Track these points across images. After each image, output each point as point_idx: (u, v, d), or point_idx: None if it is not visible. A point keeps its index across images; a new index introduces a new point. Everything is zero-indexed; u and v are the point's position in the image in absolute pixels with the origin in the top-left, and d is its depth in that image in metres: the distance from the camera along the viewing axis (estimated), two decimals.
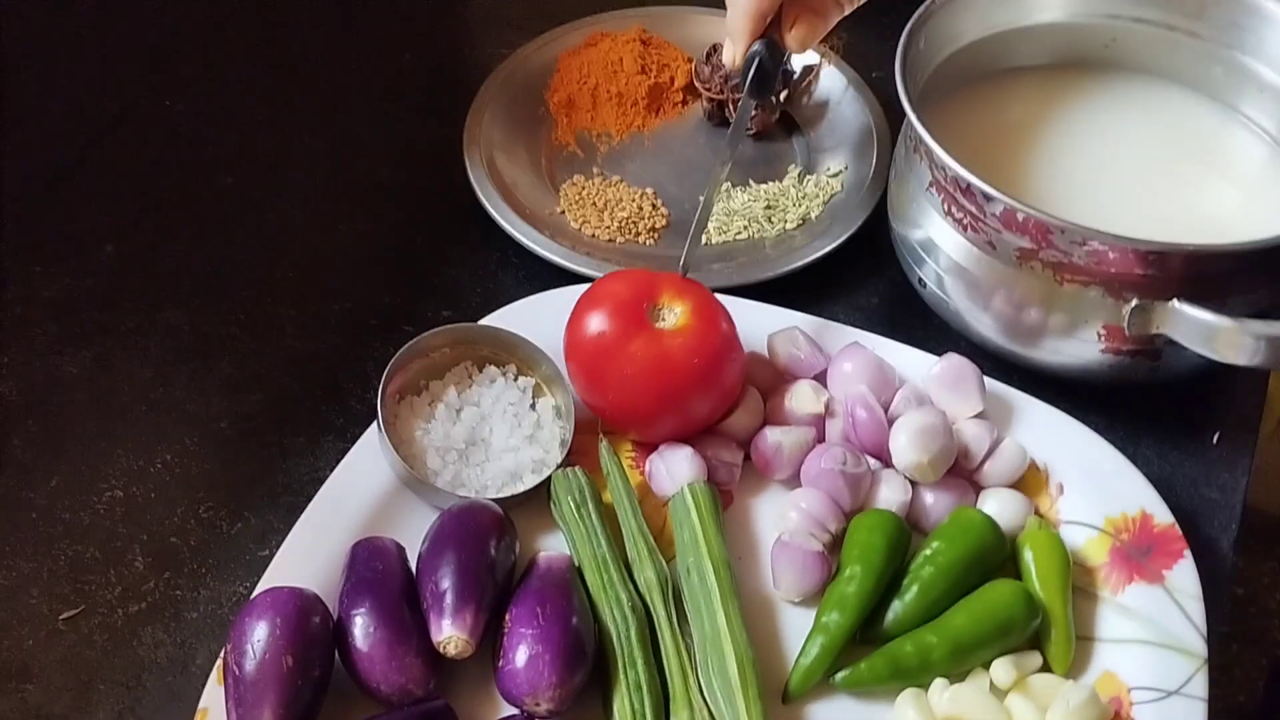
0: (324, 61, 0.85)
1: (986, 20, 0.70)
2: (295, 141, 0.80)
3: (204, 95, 0.82)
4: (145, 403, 0.65)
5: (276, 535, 0.58)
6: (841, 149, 0.78)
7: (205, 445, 0.63)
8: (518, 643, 0.50)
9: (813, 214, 0.75)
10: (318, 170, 0.78)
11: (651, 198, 0.76)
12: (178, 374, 0.66)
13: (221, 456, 0.63)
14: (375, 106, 0.83)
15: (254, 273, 0.72)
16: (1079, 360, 0.62)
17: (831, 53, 0.81)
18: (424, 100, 0.83)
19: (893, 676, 0.53)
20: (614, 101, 0.81)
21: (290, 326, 0.69)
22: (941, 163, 0.60)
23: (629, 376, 0.59)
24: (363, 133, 0.81)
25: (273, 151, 0.79)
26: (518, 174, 0.76)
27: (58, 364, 0.66)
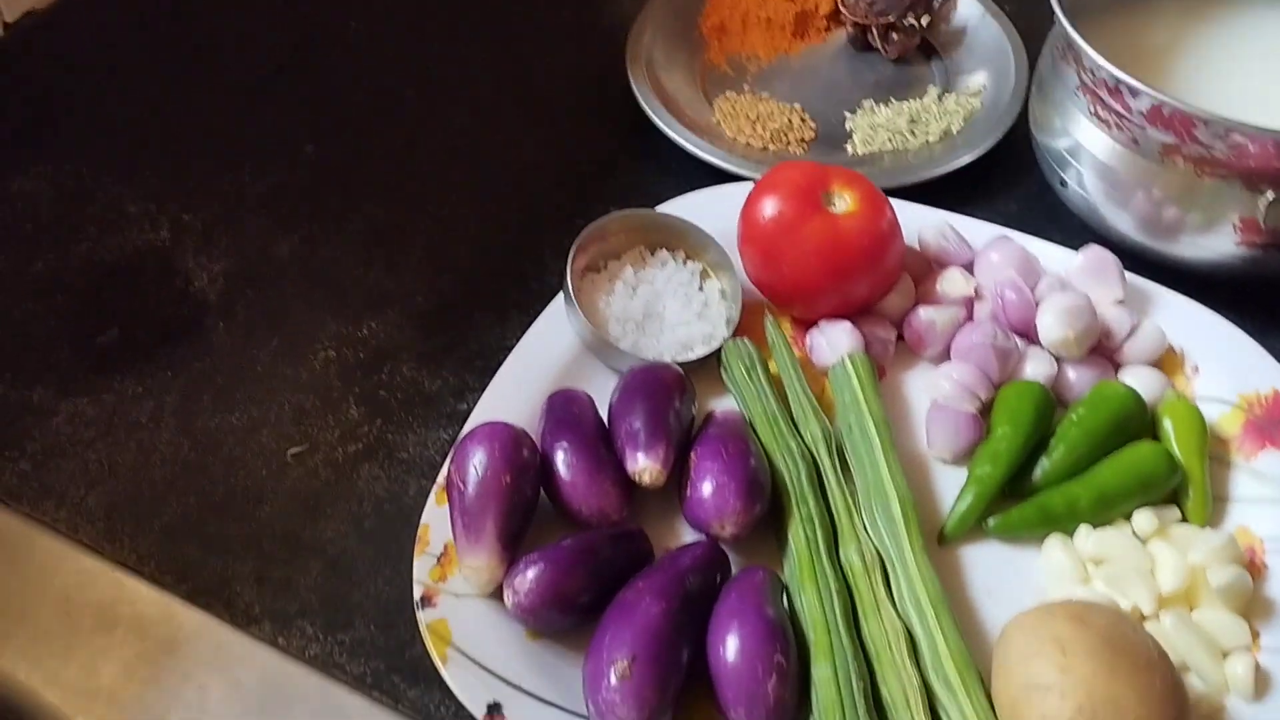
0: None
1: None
2: (469, 60, 0.87)
3: (382, 17, 0.90)
4: (349, 279, 0.72)
5: (473, 392, 0.65)
6: (979, 70, 0.83)
7: (404, 316, 0.70)
8: (704, 476, 0.56)
9: (954, 128, 0.79)
10: (490, 86, 0.85)
11: (800, 112, 0.82)
12: (376, 257, 0.73)
13: (419, 326, 0.69)
14: (542, 27, 0.89)
15: (437, 174, 0.79)
16: (1214, 254, 0.66)
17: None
18: (588, 22, 0.89)
19: (1041, 523, 0.58)
20: (763, 26, 0.86)
21: (473, 221, 0.76)
22: (1092, 63, 0.64)
23: (804, 254, 0.64)
24: (530, 52, 0.88)
25: (448, 69, 0.86)
26: (676, 88, 0.82)
27: (270, 246, 0.74)
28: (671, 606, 0.51)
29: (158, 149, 0.80)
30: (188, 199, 0.76)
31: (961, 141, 0.78)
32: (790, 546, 0.56)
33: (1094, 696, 0.46)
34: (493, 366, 0.64)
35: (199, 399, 0.66)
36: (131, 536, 0.60)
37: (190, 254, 0.73)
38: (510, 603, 0.53)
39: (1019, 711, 0.48)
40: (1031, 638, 0.49)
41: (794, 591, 0.55)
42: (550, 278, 0.71)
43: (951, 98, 0.81)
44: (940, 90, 0.83)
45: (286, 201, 0.76)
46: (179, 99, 0.84)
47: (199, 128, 0.82)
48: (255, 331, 0.69)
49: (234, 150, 0.79)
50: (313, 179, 0.78)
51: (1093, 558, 0.56)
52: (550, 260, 0.72)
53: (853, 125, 0.81)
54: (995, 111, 0.79)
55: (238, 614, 0.57)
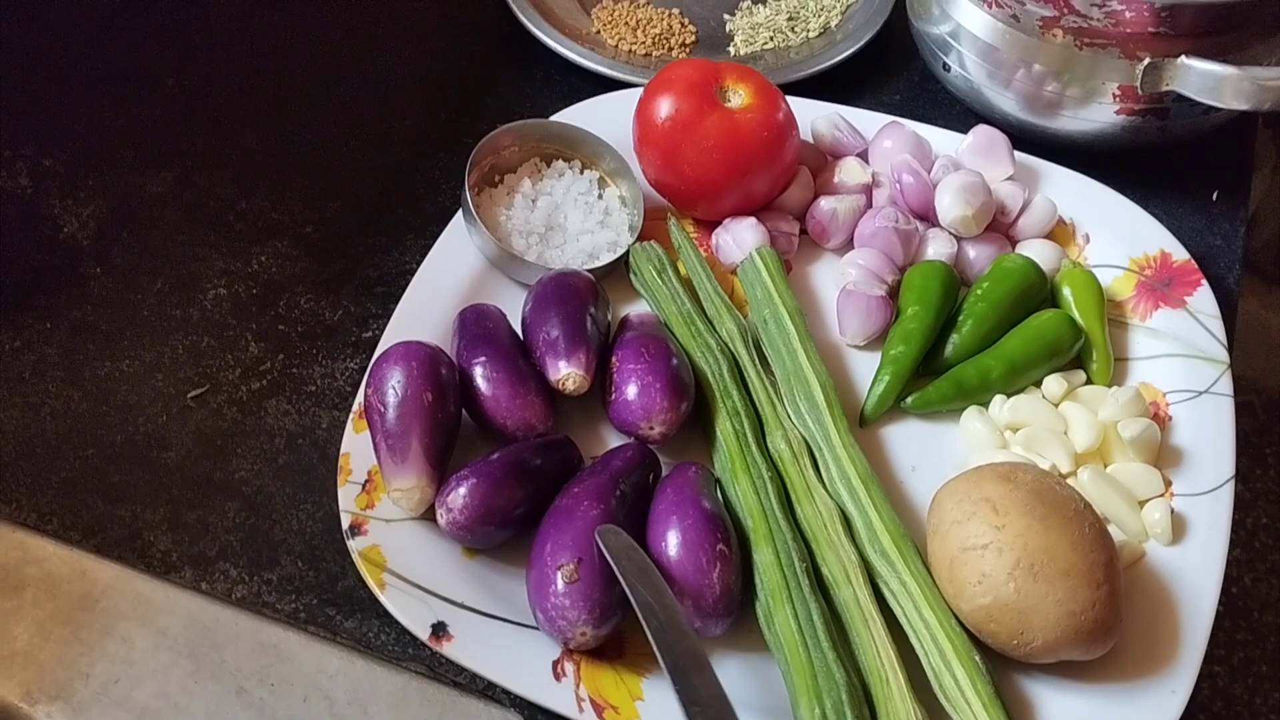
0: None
1: None
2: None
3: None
4: (232, 213, 0.69)
5: (377, 319, 0.63)
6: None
7: (296, 247, 0.67)
8: (628, 378, 0.56)
9: (833, 23, 0.80)
10: (360, 4, 0.82)
11: (679, 17, 0.81)
12: (258, 188, 0.70)
13: (312, 256, 0.67)
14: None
15: (311, 99, 0.76)
16: (1095, 125, 0.68)
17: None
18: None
19: (957, 396, 0.59)
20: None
21: (357, 143, 0.73)
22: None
23: (705, 150, 0.63)
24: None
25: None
26: (551, 9, 0.80)
27: (141, 184, 0.70)
28: (609, 508, 0.51)
29: (2, 90, 0.74)
30: (44, 141, 0.71)
31: (841, 35, 0.78)
32: (719, 440, 0.56)
33: (1030, 548, 0.47)
34: (395, 292, 0.62)
35: (83, 348, 0.62)
36: (29, 494, 0.56)
37: (55, 198, 0.69)
38: (444, 521, 0.51)
39: (957, 573, 0.49)
40: (963, 500, 0.50)
41: (727, 484, 0.55)
42: (443, 198, 0.69)
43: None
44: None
45: (151, 136, 0.72)
46: (19, 36, 0.78)
47: (44, 64, 0.76)
48: (136, 274, 0.65)
49: (87, 87, 0.75)
50: (179, 111, 0.74)
51: (1009, 425, 0.58)
52: (441, 180, 0.70)
53: (733, 27, 0.80)
54: (871, 3, 0.80)
55: (154, 563, 0.54)
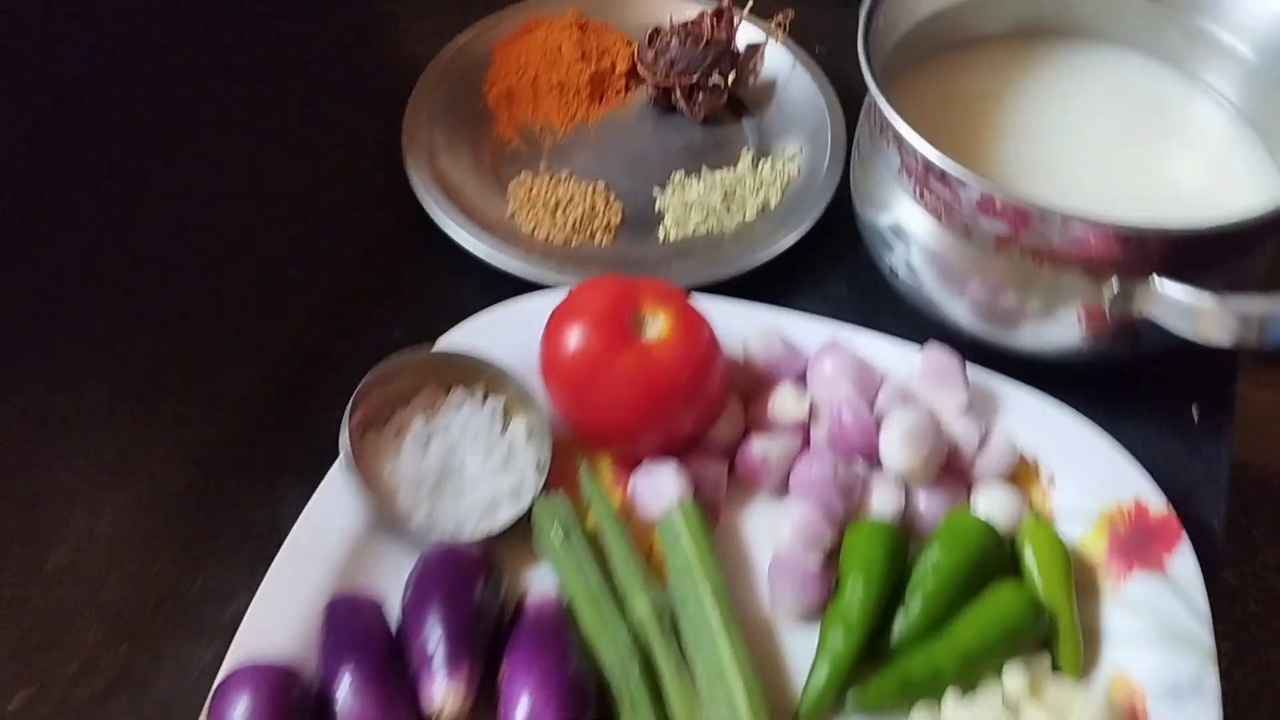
0: (247, 65, 0.80)
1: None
2: (220, 150, 0.75)
3: (114, 100, 0.77)
4: (77, 449, 0.60)
5: (241, 593, 0.54)
6: (794, 130, 0.76)
7: (153, 493, 0.59)
8: (518, 693, 0.48)
9: (772, 202, 0.72)
10: (247, 182, 0.74)
11: (603, 192, 0.73)
12: (117, 418, 0.62)
13: (172, 508, 0.59)
14: (302, 111, 0.78)
15: (180, 298, 0.67)
16: (1058, 344, 0.61)
17: (776, 29, 0.78)
18: (357, 101, 0.78)
19: (904, 693, 0.51)
20: (555, 92, 0.77)
21: (229, 360, 0.65)
22: (915, 150, 0.57)
23: (616, 392, 0.56)
24: (292, 139, 0.76)
25: (195, 163, 0.74)
26: (463, 176, 0.73)
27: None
28: None
29: None
30: None
31: (781, 217, 0.71)
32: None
33: None
34: (266, 554, 0.54)
35: None
36: None
37: None
38: None
39: None
40: None
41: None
42: (326, 427, 0.61)
43: (767, 164, 0.74)
44: (754, 153, 0.75)
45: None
46: None
47: None
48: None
49: None
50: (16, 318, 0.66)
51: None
52: (329, 401, 0.62)
53: (663, 204, 0.73)
54: (815, 180, 0.72)
55: None
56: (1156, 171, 0.66)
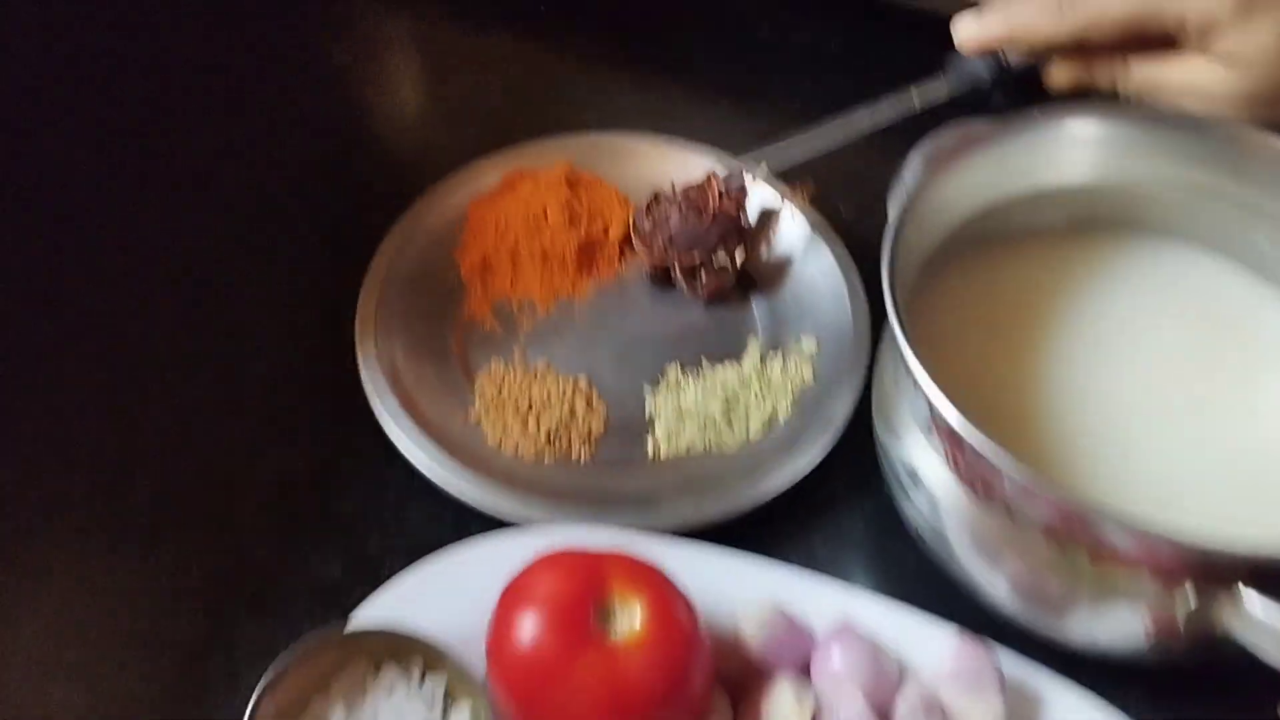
0: (188, 223, 0.71)
1: (989, 188, 0.58)
2: (139, 317, 0.66)
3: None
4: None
5: None
6: (810, 319, 0.66)
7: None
8: None
9: (780, 414, 0.62)
10: (175, 363, 0.64)
11: (585, 390, 0.63)
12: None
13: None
14: (246, 275, 0.68)
15: (81, 514, 0.58)
16: (1117, 644, 0.50)
17: (796, 196, 0.68)
18: (308, 266, 0.69)
19: None
20: (537, 262, 0.68)
21: (125, 604, 0.55)
22: (948, 423, 0.47)
23: (574, 702, 0.46)
24: (228, 309, 0.67)
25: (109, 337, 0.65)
26: (423, 366, 0.63)
27: None
28: None
29: None
30: None
31: (790, 435, 0.61)
32: None
33: None
34: None
35: None
36: None
37: None
38: None
39: None
40: None
41: None
42: (240, 702, 0.51)
43: (777, 362, 0.64)
44: (764, 345, 0.65)
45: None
46: None
47: None
48: None
49: None
50: None
51: None
52: (245, 669, 0.53)
53: (653, 408, 0.63)
54: (832, 389, 0.62)
55: None
56: (1238, 406, 0.56)
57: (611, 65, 0.81)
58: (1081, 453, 0.53)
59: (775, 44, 0.83)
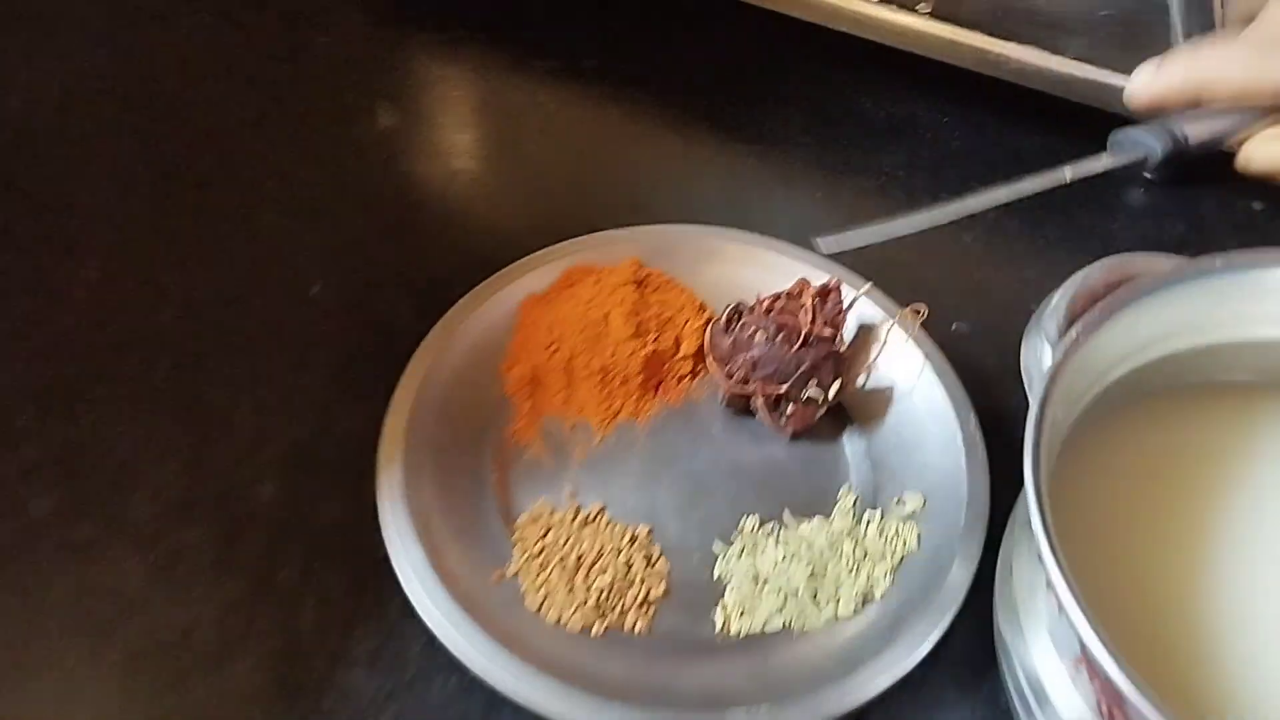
0: (202, 327, 0.62)
1: (1157, 342, 0.47)
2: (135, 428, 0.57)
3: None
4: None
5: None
6: (916, 468, 0.55)
7: None
8: None
9: (877, 588, 0.52)
10: (158, 515, 0.55)
11: (645, 542, 0.53)
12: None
13: None
14: (246, 388, 0.59)
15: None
16: None
17: (906, 320, 0.58)
18: (324, 376, 0.59)
19: None
20: (596, 379, 0.58)
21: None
22: (1108, 676, 0.36)
23: None
24: (226, 433, 0.57)
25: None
26: (455, 504, 0.53)
27: None
28: None
29: None
30: None
31: (889, 617, 0.50)
32: None
33: None
34: None
35: None
36: None
37: None
38: None
39: None
40: None
41: None
42: None
43: (874, 522, 0.53)
44: (858, 498, 0.55)
45: None
46: None
47: None
48: None
49: None
50: None
51: None
52: None
53: (724, 570, 0.52)
54: (942, 559, 0.51)
55: None
56: None
57: (691, 141, 0.71)
58: (1266, 690, 0.42)
59: (882, 122, 0.73)
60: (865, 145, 0.71)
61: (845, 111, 0.73)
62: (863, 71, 0.75)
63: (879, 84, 0.74)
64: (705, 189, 0.68)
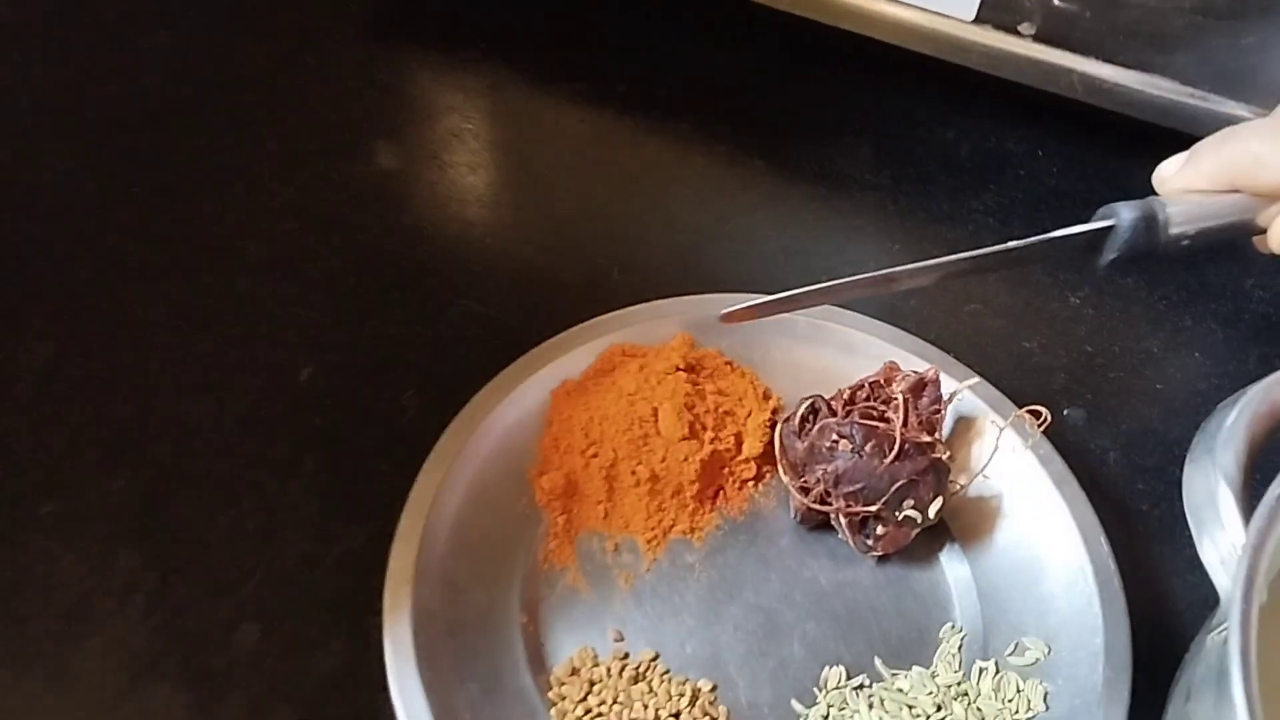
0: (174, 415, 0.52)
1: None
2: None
3: None
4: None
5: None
6: (1036, 608, 0.45)
7: None
8: None
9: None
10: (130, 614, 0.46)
11: (707, 702, 0.44)
12: None
13: None
14: (216, 510, 0.49)
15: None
16: None
17: (1022, 428, 0.47)
18: (314, 499, 0.49)
19: None
20: (643, 488, 0.48)
21: None
22: None
23: None
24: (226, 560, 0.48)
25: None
26: (476, 650, 0.44)
27: None
28: None
29: None
30: None
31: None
32: None
33: None
34: None
35: None
36: None
37: None
38: None
39: None
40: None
41: None
42: None
43: (987, 677, 0.44)
44: (962, 639, 0.45)
45: None
46: None
47: None
48: None
49: None
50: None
51: None
52: None
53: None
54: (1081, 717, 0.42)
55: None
56: None
57: (745, 183, 0.61)
58: None
59: (967, 158, 0.62)
60: (949, 185, 0.61)
61: (924, 146, 0.62)
62: (942, 99, 0.64)
63: (963, 113, 0.64)
64: (763, 243, 0.58)
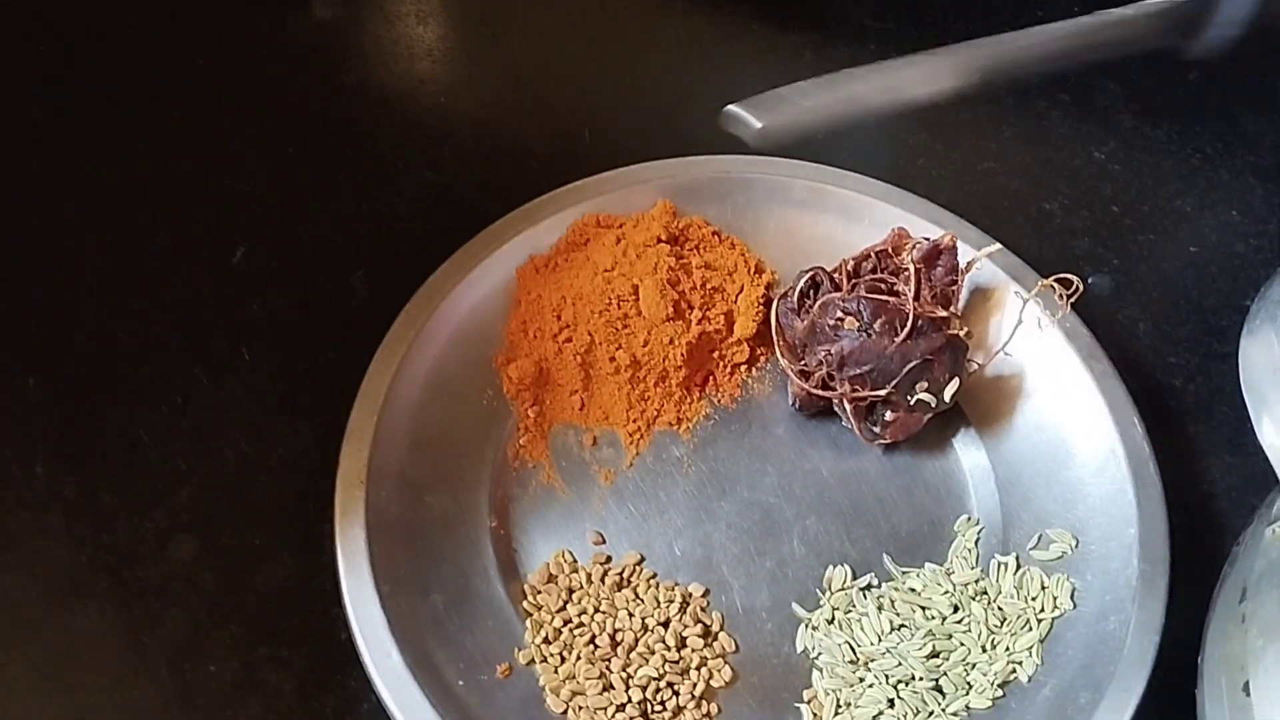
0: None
1: None
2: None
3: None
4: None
5: None
6: (1060, 496, 0.41)
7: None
8: None
9: (1023, 670, 0.38)
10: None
11: (699, 609, 0.39)
12: None
13: None
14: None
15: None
16: None
17: (1047, 290, 0.42)
18: (264, 380, 0.44)
19: None
20: (624, 375, 0.43)
21: None
22: None
23: None
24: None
25: None
26: (440, 559, 0.39)
27: None
28: None
29: None
30: None
31: (1043, 710, 0.37)
32: None
33: None
34: None
35: None
36: None
37: None
38: None
39: None
40: None
41: None
42: None
43: (1007, 574, 0.40)
44: (978, 540, 0.41)
45: None
46: None
47: None
48: None
49: None
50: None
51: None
52: None
53: (807, 645, 0.39)
54: (1109, 624, 0.38)
55: None
56: None
57: (731, 30, 0.54)
58: None
59: (991, 4, 0.56)
60: (962, 33, 0.54)
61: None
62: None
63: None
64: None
